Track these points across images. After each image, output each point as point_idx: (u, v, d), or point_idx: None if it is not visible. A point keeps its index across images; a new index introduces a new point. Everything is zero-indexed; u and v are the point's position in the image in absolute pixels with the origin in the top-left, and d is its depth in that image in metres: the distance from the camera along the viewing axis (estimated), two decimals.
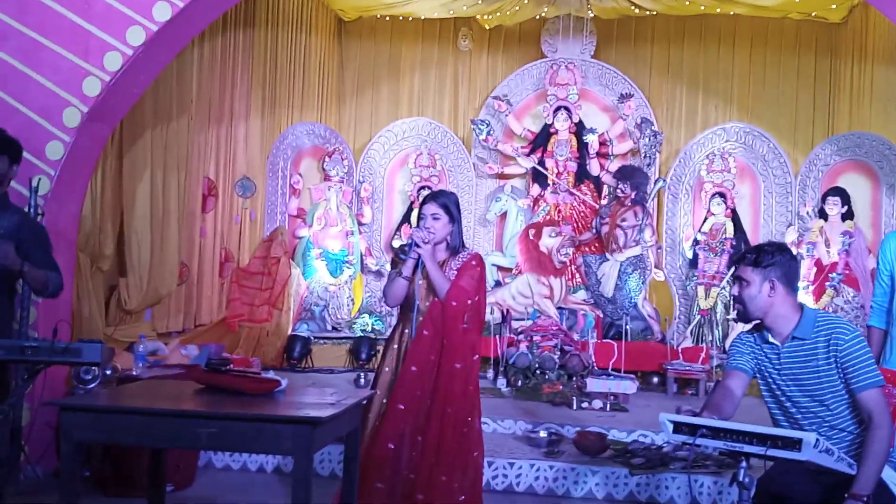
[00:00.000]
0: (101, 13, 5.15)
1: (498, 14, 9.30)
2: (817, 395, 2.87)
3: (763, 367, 3.01)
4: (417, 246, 3.65)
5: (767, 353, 2.99)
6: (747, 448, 2.57)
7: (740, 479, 2.67)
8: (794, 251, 8.08)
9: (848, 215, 8.04)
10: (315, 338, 8.04)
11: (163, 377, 4.81)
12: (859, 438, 2.83)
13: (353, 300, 8.86)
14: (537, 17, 9.36)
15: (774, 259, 2.94)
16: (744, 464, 2.66)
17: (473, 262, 3.77)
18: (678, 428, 2.71)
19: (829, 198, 8.07)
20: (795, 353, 2.91)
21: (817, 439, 2.47)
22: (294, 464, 2.65)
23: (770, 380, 2.99)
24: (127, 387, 3.77)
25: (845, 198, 8.05)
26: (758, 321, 3.01)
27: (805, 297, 7.87)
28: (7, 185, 3.84)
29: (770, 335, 2.98)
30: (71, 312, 5.56)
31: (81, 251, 6.05)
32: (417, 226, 3.80)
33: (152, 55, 5.39)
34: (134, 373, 5.12)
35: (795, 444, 2.49)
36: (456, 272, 3.73)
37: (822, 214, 8.14)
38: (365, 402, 3.61)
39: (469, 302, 3.71)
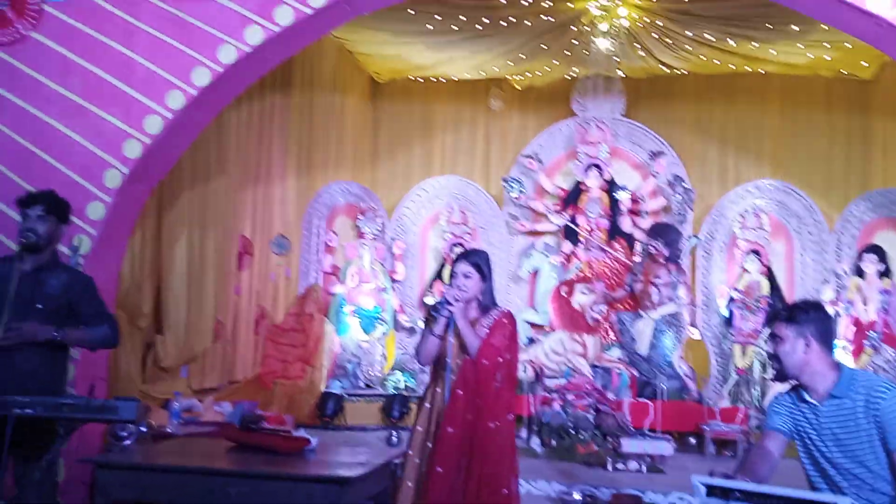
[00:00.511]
0: (142, 77, 5.33)
1: (528, 74, 9.45)
2: (858, 455, 2.82)
3: (801, 428, 2.96)
4: (449, 304, 3.66)
5: (805, 412, 2.95)
6: None
7: None
8: (832, 310, 8.00)
9: (885, 273, 7.92)
10: (348, 395, 8.03)
11: (197, 434, 4.84)
12: None
13: (385, 357, 8.86)
14: (567, 76, 9.49)
15: (809, 316, 2.92)
16: None
17: (505, 321, 3.77)
18: (711, 491, 2.67)
19: (866, 255, 7.97)
20: (834, 412, 2.87)
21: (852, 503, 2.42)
22: None
23: (808, 440, 2.94)
24: (162, 444, 3.81)
25: (882, 255, 7.94)
26: (795, 380, 2.97)
27: (844, 356, 7.72)
28: (55, 245, 3.94)
29: (807, 394, 2.94)
30: (108, 369, 5.65)
31: (120, 308, 6.16)
32: (449, 284, 3.82)
33: (191, 118, 5.54)
34: (168, 430, 5.17)
35: None
36: (487, 330, 3.74)
37: (859, 272, 8.02)
38: (397, 462, 3.60)
39: (500, 360, 3.70)
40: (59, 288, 3.77)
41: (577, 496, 5.28)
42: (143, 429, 4.99)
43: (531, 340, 8.77)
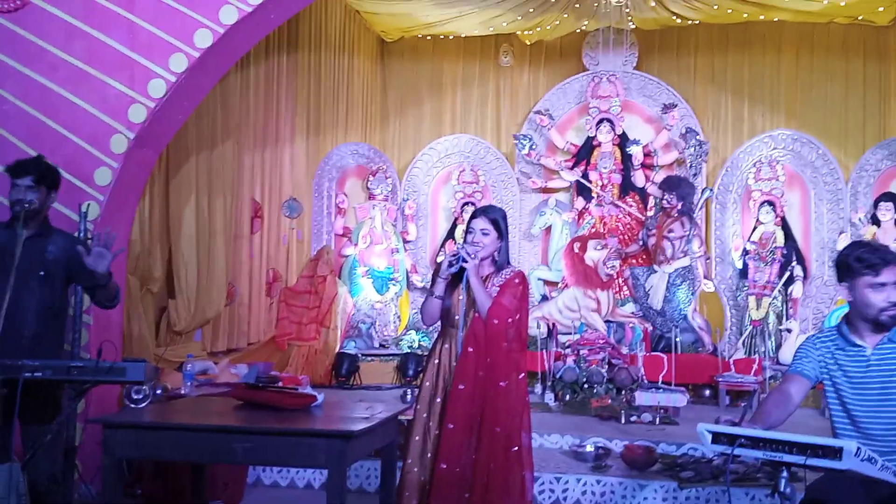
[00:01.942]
0: (145, 42, 5.29)
1: (538, 29, 9.32)
2: None
3: (838, 373, 2.93)
4: (465, 260, 3.61)
5: (851, 357, 2.92)
6: (787, 458, 2.51)
7: (781, 489, 2.61)
8: None
9: None
10: (363, 355, 8.09)
11: (210, 395, 4.89)
12: None
13: (399, 317, 8.91)
14: (577, 30, 9.36)
15: None
16: (785, 474, 2.60)
17: (516, 280, 3.72)
18: (717, 438, 2.66)
19: (882, 203, 7.87)
20: (886, 356, 2.86)
21: (858, 448, 2.40)
22: (328, 476, 2.67)
23: (845, 386, 2.91)
24: (170, 404, 3.84)
25: None
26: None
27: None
28: (46, 212, 3.93)
29: (858, 338, 2.91)
30: (122, 334, 5.69)
31: (131, 274, 6.20)
32: (464, 240, 3.77)
33: (195, 81, 5.51)
34: (183, 392, 5.21)
35: (836, 453, 2.42)
36: (498, 288, 3.71)
37: (875, 220, 7.93)
38: (405, 416, 3.62)
39: (510, 320, 3.66)
40: (57, 253, 3.77)
41: (589, 448, 5.30)
42: (159, 391, 5.04)
43: (545, 297, 8.77)
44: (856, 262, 2.86)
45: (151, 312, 6.67)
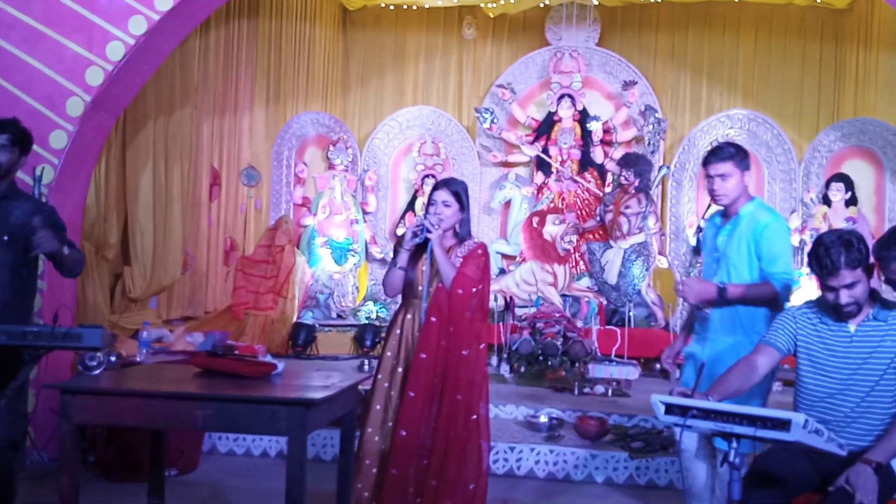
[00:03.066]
0: (104, 3, 5.19)
1: (502, 2, 9.29)
2: (870, 381, 2.89)
3: (813, 345, 3.00)
4: (428, 231, 3.64)
5: (834, 333, 2.98)
6: (737, 429, 2.59)
7: (731, 459, 2.68)
8: (798, 238, 8.13)
9: (851, 201, 8.04)
10: (320, 325, 8.08)
11: (166, 363, 4.86)
12: (889, 419, 2.88)
13: (357, 288, 8.91)
14: (541, 4, 9.34)
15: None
16: (734, 444, 2.68)
17: (479, 252, 3.78)
18: (669, 409, 2.73)
19: (833, 184, 8.06)
20: (868, 334, 2.93)
21: (806, 420, 2.49)
22: (288, 444, 2.69)
23: (821, 361, 2.98)
24: (127, 370, 3.81)
25: (849, 184, 8.05)
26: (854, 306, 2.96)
27: (808, 282, 7.86)
28: (14, 174, 3.87)
29: (841, 315, 2.97)
30: (76, 301, 5.62)
31: (86, 240, 6.11)
32: (426, 212, 3.80)
33: (154, 45, 5.42)
34: (138, 359, 5.18)
35: (784, 425, 2.50)
36: (461, 259, 3.75)
37: (826, 201, 8.13)
38: (364, 386, 3.65)
39: (474, 290, 3.72)
40: (23, 217, 3.70)
41: (543, 419, 5.39)
42: (113, 358, 5.00)
43: (502, 271, 8.84)
44: (813, 258, 2.96)
45: (106, 279, 6.59)
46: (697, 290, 3.50)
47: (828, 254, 2.89)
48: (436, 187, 3.81)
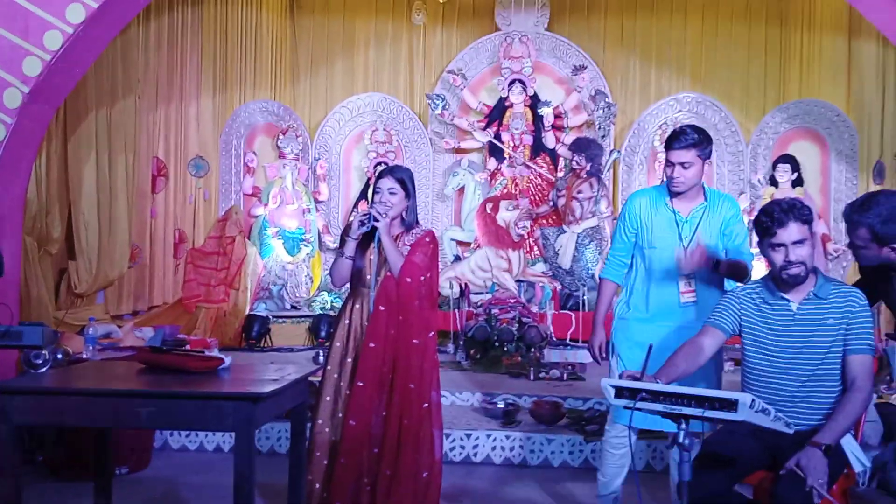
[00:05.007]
0: None
1: None
2: (820, 352, 2.92)
3: (756, 325, 3.01)
4: (376, 220, 3.61)
5: (776, 310, 2.99)
6: (685, 410, 2.60)
7: (680, 440, 2.70)
8: (746, 219, 8.24)
9: (798, 182, 8.18)
10: (274, 317, 8.00)
11: (113, 359, 4.76)
12: (836, 398, 2.91)
13: (311, 278, 8.83)
14: None
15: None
16: (683, 425, 2.69)
17: (427, 239, 3.75)
18: (619, 392, 2.73)
19: (780, 165, 8.19)
20: (810, 311, 2.95)
21: (753, 400, 2.50)
22: (236, 439, 2.64)
23: (765, 339, 3.00)
24: (71, 369, 3.72)
25: (795, 165, 8.18)
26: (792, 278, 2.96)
27: (757, 263, 7.98)
28: None
29: (784, 292, 2.99)
30: (19, 298, 5.48)
31: (28, 235, 5.95)
32: (371, 200, 3.76)
33: (93, 33, 5.29)
34: (85, 356, 5.06)
35: (731, 405, 2.52)
36: (409, 248, 3.72)
37: (773, 182, 8.26)
38: (316, 378, 3.60)
39: (422, 278, 3.69)
40: None
41: (499, 405, 5.40)
42: (59, 356, 4.88)
43: (457, 258, 8.84)
44: (755, 224, 2.97)
45: (50, 274, 6.44)
46: (699, 257, 3.45)
47: (774, 208, 2.93)
48: (380, 175, 3.78)
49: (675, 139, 3.49)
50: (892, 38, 5.81)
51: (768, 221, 2.91)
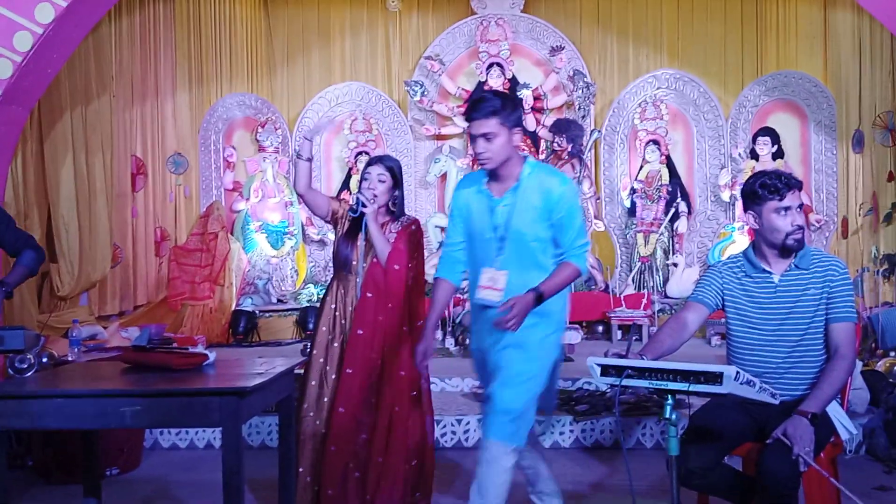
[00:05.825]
0: None
1: None
2: (803, 322, 2.92)
3: (739, 299, 3.02)
4: (364, 205, 3.62)
5: (758, 283, 3.00)
6: (671, 385, 2.60)
7: (667, 415, 2.71)
8: (728, 193, 8.28)
9: (778, 154, 8.20)
10: (260, 311, 7.98)
11: (98, 360, 4.72)
12: (821, 367, 2.92)
13: (297, 271, 8.80)
14: None
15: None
16: (669, 401, 2.70)
17: (413, 228, 3.78)
18: (605, 371, 2.74)
19: (760, 138, 8.21)
20: (792, 283, 2.95)
21: (737, 372, 2.51)
22: (223, 434, 2.63)
23: (750, 309, 3.00)
24: (56, 371, 3.70)
25: (775, 137, 8.20)
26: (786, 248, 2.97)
27: (740, 237, 8.02)
28: None
29: (765, 264, 3.00)
30: (2, 303, 5.42)
31: None
32: (360, 187, 3.77)
33: (64, 33, 5.24)
34: (70, 358, 5.03)
35: (716, 378, 2.52)
36: (396, 235, 3.72)
37: (754, 155, 8.27)
38: (302, 368, 3.59)
39: (409, 265, 3.72)
40: None
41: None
42: (45, 359, 4.85)
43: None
44: (761, 188, 2.95)
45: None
46: (522, 306, 2.96)
47: (774, 177, 2.94)
48: (370, 163, 3.80)
49: (473, 108, 3.03)
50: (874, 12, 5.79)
51: (779, 183, 2.91)
